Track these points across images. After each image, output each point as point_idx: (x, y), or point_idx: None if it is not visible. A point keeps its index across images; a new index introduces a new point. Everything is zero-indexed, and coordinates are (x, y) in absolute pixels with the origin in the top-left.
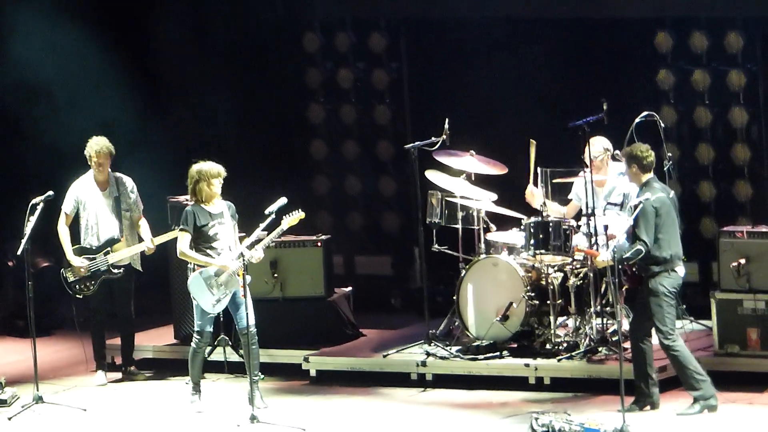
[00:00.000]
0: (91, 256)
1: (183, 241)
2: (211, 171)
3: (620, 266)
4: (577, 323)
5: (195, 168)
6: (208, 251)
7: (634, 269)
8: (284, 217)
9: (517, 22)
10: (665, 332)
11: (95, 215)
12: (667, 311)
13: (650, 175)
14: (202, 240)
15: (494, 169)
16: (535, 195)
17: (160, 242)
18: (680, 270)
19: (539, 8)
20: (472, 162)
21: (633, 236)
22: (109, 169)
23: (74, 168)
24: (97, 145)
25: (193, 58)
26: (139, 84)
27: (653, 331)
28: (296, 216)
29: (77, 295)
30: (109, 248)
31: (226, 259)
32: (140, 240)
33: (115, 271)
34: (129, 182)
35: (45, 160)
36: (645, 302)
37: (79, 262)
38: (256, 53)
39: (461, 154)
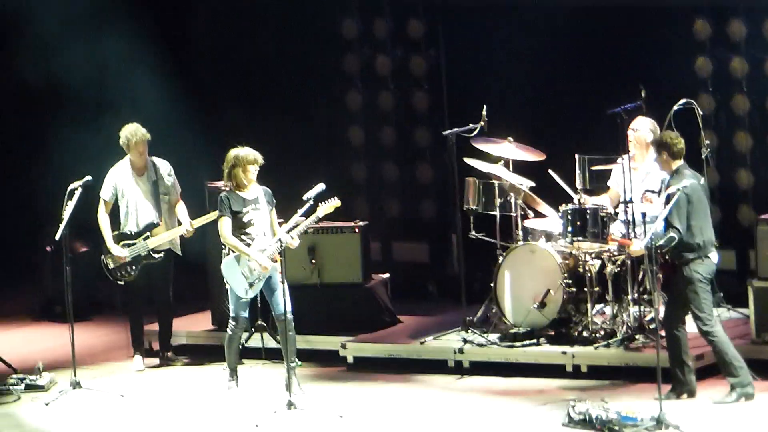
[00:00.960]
0: (130, 242)
1: (225, 226)
2: (247, 157)
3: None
4: (615, 311)
5: (232, 153)
6: (243, 237)
7: (666, 257)
8: (320, 204)
9: (555, 8)
10: (703, 318)
11: (134, 201)
12: (704, 297)
13: (680, 162)
14: (236, 226)
15: (532, 155)
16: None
17: (199, 225)
18: (714, 256)
19: None
20: (510, 149)
21: (666, 224)
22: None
23: (113, 154)
24: (133, 132)
25: (231, 43)
26: (179, 71)
27: (689, 318)
28: (332, 204)
29: (118, 282)
30: (148, 233)
31: (264, 258)
32: (179, 223)
33: (155, 255)
34: (166, 166)
35: (85, 144)
36: (679, 290)
37: (119, 251)
38: (295, 39)
39: (499, 141)
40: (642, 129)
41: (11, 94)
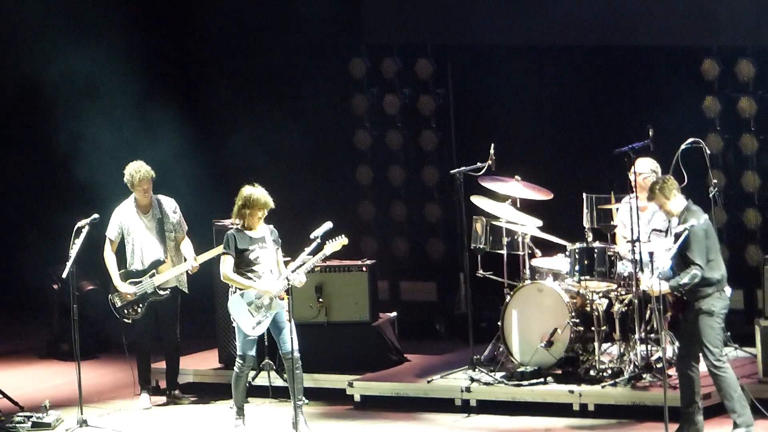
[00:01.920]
0: (136, 280)
1: (226, 264)
2: (258, 201)
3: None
4: (622, 350)
5: (246, 192)
6: (249, 275)
7: (682, 295)
8: (327, 242)
9: (563, 49)
10: (716, 354)
11: (140, 239)
12: (718, 332)
13: (683, 198)
14: (243, 264)
15: (539, 194)
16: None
17: (204, 260)
18: (728, 290)
19: (585, 36)
20: (517, 187)
21: (682, 262)
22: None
23: (119, 192)
24: (138, 171)
25: (238, 81)
26: (188, 110)
27: (700, 356)
28: (339, 242)
29: (125, 320)
30: (154, 270)
31: (268, 283)
32: (185, 260)
33: (162, 292)
34: (171, 203)
35: (90, 183)
36: (693, 326)
37: (125, 288)
38: (303, 78)
39: (507, 179)
40: (644, 172)
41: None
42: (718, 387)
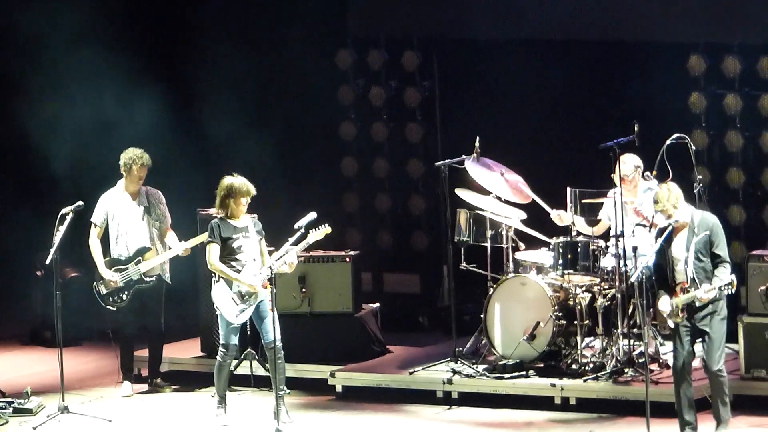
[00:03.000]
0: (122, 267)
1: (212, 253)
2: (240, 189)
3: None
4: (604, 344)
5: (227, 182)
6: (232, 263)
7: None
8: (310, 231)
9: (549, 43)
10: (723, 356)
11: (125, 225)
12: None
13: (686, 204)
14: (226, 252)
15: (518, 197)
16: (563, 217)
17: (192, 245)
18: None
19: (572, 30)
20: (500, 184)
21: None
22: None
23: (104, 180)
24: (140, 157)
25: (224, 71)
26: (173, 100)
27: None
28: (322, 230)
29: (110, 308)
30: (140, 257)
31: (253, 277)
32: (169, 248)
33: (147, 279)
34: (158, 194)
35: (75, 172)
36: (720, 325)
37: (110, 275)
38: (289, 70)
39: (494, 167)
40: (630, 173)
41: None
42: (719, 390)
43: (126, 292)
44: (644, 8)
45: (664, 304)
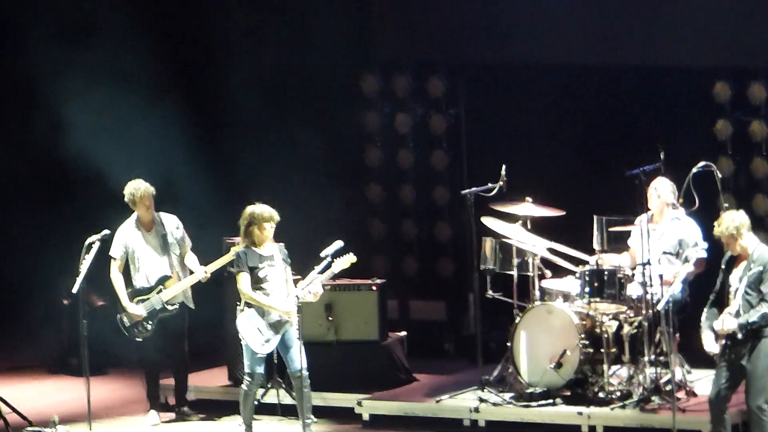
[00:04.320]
0: (144, 297)
1: (243, 282)
2: (263, 215)
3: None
4: (631, 372)
5: (249, 210)
6: (258, 292)
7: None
8: (335, 260)
9: (574, 69)
10: (764, 393)
11: (144, 257)
12: None
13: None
14: (252, 281)
15: (551, 212)
16: (605, 260)
17: (213, 269)
18: None
19: (599, 55)
20: (529, 208)
21: (749, 297)
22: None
23: (129, 211)
24: (138, 188)
25: (251, 98)
26: (198, 128)
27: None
28: (347, 259)
29: (136, 338)
30: (161, 286)
31: (286, 303)
32: (191, 273)
33: (170, 308)
34: (174, 220)
35: (100, 200)
36: (749, 365)
37: (134, 308)
38: (315, 95)
39: (517, 202)
40: (663, 191)
41: (31, 145)
42: (757, 428)
43: (150, 322)
44: (669, 34)
45: (710, 344)
